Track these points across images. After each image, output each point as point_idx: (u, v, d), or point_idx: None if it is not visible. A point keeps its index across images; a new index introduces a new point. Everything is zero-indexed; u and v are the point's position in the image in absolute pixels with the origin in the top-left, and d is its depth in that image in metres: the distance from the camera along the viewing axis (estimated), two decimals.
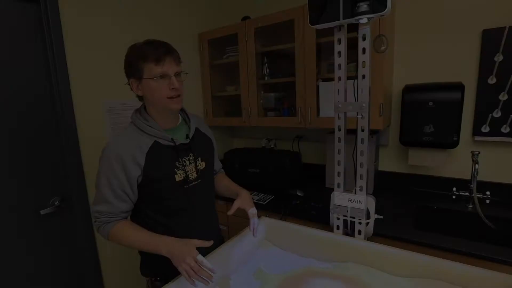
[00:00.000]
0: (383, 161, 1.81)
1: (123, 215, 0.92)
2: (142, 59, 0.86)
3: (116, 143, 0.90)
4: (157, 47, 0.87)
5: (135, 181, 0.90)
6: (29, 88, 1.29)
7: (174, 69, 0.89)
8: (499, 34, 1.37)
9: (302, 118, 1.67)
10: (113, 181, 0.87)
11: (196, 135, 1.05)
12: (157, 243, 0.85)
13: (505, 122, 1.41)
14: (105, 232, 0.90)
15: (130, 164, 0.87)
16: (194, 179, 0.99)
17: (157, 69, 0.86)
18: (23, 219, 1.29)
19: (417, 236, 1.17)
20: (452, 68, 1.53)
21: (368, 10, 0.87)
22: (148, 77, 0.87)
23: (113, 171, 0.87)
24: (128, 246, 0.89)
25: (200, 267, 0.79)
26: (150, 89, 0.88)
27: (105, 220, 0.90)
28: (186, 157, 0.98)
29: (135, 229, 0.90)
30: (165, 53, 0.87)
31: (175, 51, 0.92)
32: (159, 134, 0.92)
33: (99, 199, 0.90)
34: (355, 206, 1.08)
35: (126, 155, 0.87)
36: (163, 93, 0.88)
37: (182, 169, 0.96)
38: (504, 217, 1.32)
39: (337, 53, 1.02)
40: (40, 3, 1.28)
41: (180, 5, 1.94)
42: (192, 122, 1.04)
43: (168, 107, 0.91)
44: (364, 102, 0.99)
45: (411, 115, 1.48)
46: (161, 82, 0.87)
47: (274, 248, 1.21)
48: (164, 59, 0.87)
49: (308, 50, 1.57)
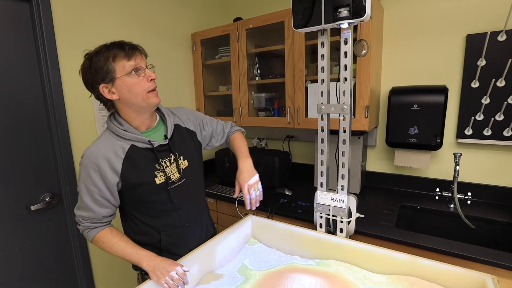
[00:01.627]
0: (371, 162, 1.85)
1: (106, 219, 0.95)
2: (112, 59, 0.83)
3: (92, 151, 0.88)
4: (121, 45, 0.85)
5: (114, 188, 0.90)
6: (21, 85, 1.31)
7: (144, 63, 0.89)
8: (482, 39, 1.41)
9: (291, 119, 1.70)
10: (92, 189, 0.88)
11: (176, 133, 1.02)
12: (138, 256, 0.90)
13: (487, 125, 1.45)
14: (88, 237, 0.94)
15: (108, 171, 0.87)
16: (178, 179, 0.99)
17: (130, 63, 0.84)
18: (13, 215, 1.31)
19: (398, 235, 1.21)
20: (438, 71, 1.57)
21: (349, 15, 0.90)
22: (123, 74, 0.84)
23: (92, 179, 0.87)
24: (111, 253, 0.93)
25: (179, 277, 0.86)
26: (127, 86, 0.85)
27: (88, 226, 0.93)
28: (167, 158, 0.96)
29: (118, 239, 0.92)
30: (133, 48, 0.86)
31: (140, 47, 0.90)
32: (135, 137, 0.90)
33: (81, 205, 0.92)
34: (337, 205, 1.11)
35: (102, 163, 0.87)
36: (143, 87, 0.86)
37: (163, 171, 0.94)
38: (483, 218, 1.36)
39: (321, 56, 1.05)
40: (32, 2, 1.30)
41: (174, 5, 1.96)
42: (168, 121, 1.00)
43: (150, 101, 0.89)
44: (346, 104, 1.02)
45: (397, 117, 1.52)
46: (137, 76, 0.86)
47: (260, 245, 1.25)
48: (134, 54, 0.86)
49: (297, 51, 1.60)
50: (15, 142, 1.30)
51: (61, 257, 1.49)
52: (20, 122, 1.31)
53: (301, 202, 1.60)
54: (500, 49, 1.38)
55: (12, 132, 1.29)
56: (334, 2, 0.91)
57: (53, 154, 1.42)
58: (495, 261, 1.02)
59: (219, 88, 2.14)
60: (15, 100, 1.29)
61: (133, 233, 1.01)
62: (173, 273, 0.86)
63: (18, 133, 1.31)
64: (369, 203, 1.56)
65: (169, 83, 1.97)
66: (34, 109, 1.36)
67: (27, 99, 1.33)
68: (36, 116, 1.36)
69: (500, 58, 1.38)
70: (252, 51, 1.87)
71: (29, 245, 1.37)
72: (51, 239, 1.44)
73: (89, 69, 0.84)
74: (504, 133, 1.42)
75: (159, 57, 1.90)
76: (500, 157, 1.48)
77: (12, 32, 1.27)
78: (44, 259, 1.43)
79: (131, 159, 0.90)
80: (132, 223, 1.00)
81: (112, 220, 0.99)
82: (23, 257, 1.35)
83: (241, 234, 1.22)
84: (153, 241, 0.99)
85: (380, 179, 1.81)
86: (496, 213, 1.38)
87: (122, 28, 1.65)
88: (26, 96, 1.33)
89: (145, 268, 0.89)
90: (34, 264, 1.39)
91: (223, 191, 1.83)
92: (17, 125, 1.30)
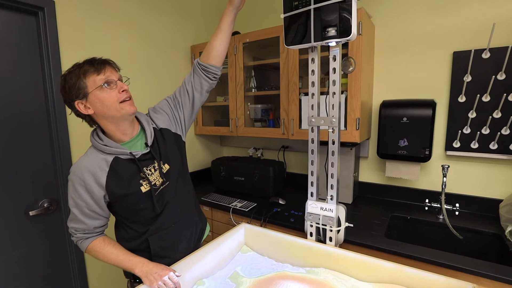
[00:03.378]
0: (364, 172, 1.89)
1: (98, 229, 0.99)
2: (83, 75, 0.86)
3: (78, 166, 0.92)
4: (91, 61, 0.88)
5: (102, 201, 0.94)
6: (25, 94, 1.36)
7: (116, 75, 0.91)
8: (467, 56, 1.47)
9: (285, 130, 1.75)
10: (80, 203, 0.92)
11: (159, 138, 1.03)
12: (131, 263, 0.94)
13: (474, 139, 1.50)
14: (82, 247, 0.98)
15: (93, 185, 0.91)
16: (161, 183, 1.00)
17: (100, 77, 0.87)
18: (12, 219, 1.34)
19: (386, 245, 1.24)
20: (427, 86, 1.63)
21: (336, 35, 0.96)
22: (94, 88, 0.86)
23: (78, 194, 0.91)
24: (104, 261, 0.97)
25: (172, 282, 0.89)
26: (99, 99, 0.87)
27: (81, 237, 0.97)
28: (151, 165, 0.98)
29: (111, 247, 0.96)
30: (102, 62, 0.89)
31: (110, 60, 0.92)
32: (116, 151, 0.93)
33: (72, 218, 0.96)
34: (326, 214, 1.15)
35: (88, 177, 0.90)
36: (114, 98, 0.88)
37: (147, 179, 0.96)
38: (471, 228, 1.39)
39: (311, 71, 1.11)
40: (39, 15, 1.36)
41: (175, 18, 2.04)
42: (147, 129, 1.00)
43: (124, 111, 0.90)
44: (335, 117, 1.07)
45: (387, 129, 1.57)
46: (109, 88, 0.88)
47: (253, 253, 1.27)
48: (104, 68, 0.88)
49: (291, 65, 1.67)
50: (17, 149, 1.34)
51: (57, 262, 1.51)
52: (23, 129, 1.36)
53: (294, 211, 1.63)
54: (485, 66, 1.44)
55: (15, 139, 1.33)
56: (323, 22, 0.97)
57: (53, 161, 1.46)
58: (479, 270, 1.05)
59: (217, 98, 2.20)
60: (18, 108, 1.34)
61: (123, 240, 1.04)
62: (166, 278, 0.89)
63: (20, 140, 1.35)
64: (360, 213, 1.60)
65: (169, 91, 2.03)
66: (36, 117, 1.40)
67: (31, 108, 1.38)
68: (38, 124, 1.41)
69: (484, 75, 1.44)
70: (249, 64, 1.94)
71: (26, 250, 1.39)
72: (48, 245, 1.47)
73: (63, 87, 0.88)
74: (490, 146, 1.47)
75: (160, 67, 1.96)
76: (487, 169, 1.52)
77: (18, 43, 1.33)
78: (40, 264, 1.45)
79: (115, 171, 0.92)
80: (123, 230, 1.04)
81: (105, 229, 1.03)
82: (19, 261, 1.37)
83: (234, 242, 1.25)
84: (143, 246, 1.02)
85: (373, 189, 1.85)
86: (483, 224, 1.41)
87: (124, 40, 1.72)
88: (30, 105, 1.38)
89: (138, 274, 0.92)
90: (31, 268, 1.41)
91: (218, 199, 1.86)
92: (20, 132, 1.35)
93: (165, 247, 1.04)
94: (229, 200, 1.83)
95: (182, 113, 1.11)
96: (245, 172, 1.90)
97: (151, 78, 1.91)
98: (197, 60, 1.11)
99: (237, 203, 1.77)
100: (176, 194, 1.06)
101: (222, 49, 1.09)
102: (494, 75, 1.41)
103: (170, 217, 1.05)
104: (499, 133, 1.43)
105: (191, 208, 1.14)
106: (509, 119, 1.39)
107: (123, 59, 1.72)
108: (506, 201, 1.39)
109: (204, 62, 1.10)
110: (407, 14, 1.64)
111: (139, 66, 1.83)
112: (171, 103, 1.11)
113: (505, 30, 1.41)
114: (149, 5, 1.85)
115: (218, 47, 1.08)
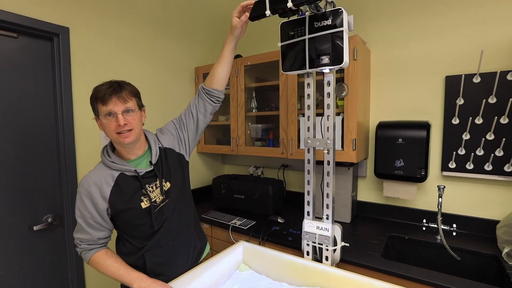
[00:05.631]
0: (362, 192, 1.91)
1: (102, 241, 1.04)
2: (95, 100, 0.96)
3: (86, 179, 0.99)
4: (106, 88, 0.95)
5: (105, 213, 1.00)
6: (35, 112, 1.43)
7: (121, 108, 0.95)
8: (459, 80, 1.53)
9: (284, 149, 1.80)
10: (86, 214, 0.99)
11: (163, 157, 1.09)
12: (130, 278, 0.97)
13: (469, 159, 1.53)
14: (85, 258, 1.02)
15: (98, 198, 0.98)
16: (161, 201, 1.05)
17: (104, 108, 0.94)
18: (17, 234, 1.38)
19: (382, 265, 1.25)
20: (422, 108, 1.69)
21: (329, 62, 1.02)
22: (100, 116, 0.96)
23: (85, 205, 0.98)
24: (105, 274, 1.00)
25: None
26: (102, 126, 0.97)
27: (85, 247, 1.01)
28: (153, 183, 1.04)
29: (113, 260, 1.00)
30: (110, 93, 0.94)
31: (123, 90, 0.96)
32: (122, 168, 1.00)
33: (78, 229, 1.02)
34: (322, 233, 1.17)
35: (94, 190, 0.97)
36: (112, 129, 0.95)
37: (148, 196, 1.02)
38: (468, 249, 1.40)
39: (307, 95, 1.17)
40: (54, 41, 1.46)
41: (182, 41, 2.16)
42: (153, 149, 1.07)
43: (119, 141, 0.97)
44: (330, 139, 1.12)
45: (384, 150, 1.61)
46: (110, 119, 0.95)
47: (250, 271, 1.29)
48: (110, 99, 0.93)
49: (290, 88, 1.74)
50: (25, 166, 1.40)
51: (57, 277, 1.53)
52: (31, 147, 1.42)
53: (292, 230, 1.65)
54: (476, 90, 1.50)
55: (23, 155, 1.39)
56: (317, 50, 1.04)
57: (58, 178, 1.51)
58: None
59: (219, 118, 2.27)
60: (29, 125, 1.41)
61: (122, 254, 1.07)
62: None
63: (28, 157, 1.41)
64: (358, 232, 1.61)
65: (174, 111, 2.10)
66: (45, 135, 1.47)
67: (41, 126, 1.45)
68: (47, 142, 1.48)
69: (476, 98, 1.50)
70: (250, 85, 2.02)
71: (28, 265, 1.42)
72: (49, 259, 1.49)
73: (90, 101, 0.99)
74: (485, 167, 1.50)
75: (165, 87, 2.05)
76: (483, 190, 1.54)
77: (34, 65, 1.42)
78: (40, 279, 1.46)
79: (119, 186, 0.99)
80: (123, 245, 1.08)
81: (108, 242, 1.07)
82: (20, 276, 1.39)
83: (232, 260, 1.26)
84: (140, 262, 1.05)
85: (371, 209, 1.86)
86: (481, 245, 1.42)
87: (133, 62, 1.81)
88: (40, 123, 1.45)
89: None
90: (31, 284, 1.43)
91: (218, 217, 1.89)
92: (29, 149, 1.41)
93: (161, 264, 1.07)
94: (229, 218, 1.86)
95: (187, 133, 1.19)
96: (245, 190, 1.93)
97: (157, 98, 1.99)
98: (201, 84, 1.20)
99: (236, 221, 1.80)
100: (174, 212, 1.09)
101: (224, 75, 1.17)
102: (485, 98, 1.47)
103: (167, 234, 1.08)
104: (492, 155, 1.46)
105: (189, 226, 1.17)
106: (502, 141, 1.43)
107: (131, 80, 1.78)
108: (502, 222, 1.40)
109: (208, 87, 1.17)
110: (401, 39, 1.72)
111: (147, 87, 1.92)
112: (177, 124, 1.19)
113: (494, 55, 1.48)
114: (156, 28, 1.96)
115: (220, 73, 1.16)
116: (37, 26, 1.36)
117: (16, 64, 1.36)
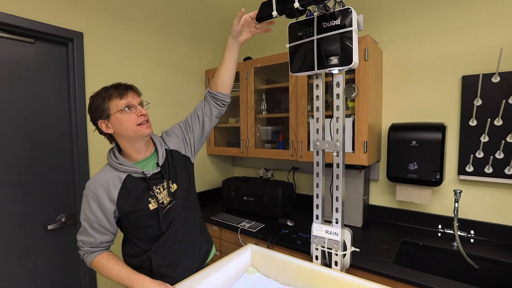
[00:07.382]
0: (374, 196, 1.86)
1: (105, 245, 1.04)
2: (108, 99, 0.96)
3: (93, 182, 0.99)
4: (117, 86, 0.99)
5: (111, 216, 1.00)
6: (50, 115, 1.48)
7: (137, 100, 1.00)
8: (476, 80, 1.47)
9: (294, 152, 1.78)
10: (91, 217, 0.98)
11: (169, 159, 1.10)
12: (132, 281, 0.96)
13: (488, 163, 1.47)
14: (87, 261, 1.03)
15: (105, 200, 0.97)
16: (168, 202, 1.06)
17: (122, 101, 0.96)
18: (32, 233, 1.42)
19: (395, 271, 1.21)
20: (437, 109, 1.63)
21: (338, 63, 1.00)
22: (116, 111, 0.96)
23: (91, 208, 0.98)
24: (107, 277, 1.00)
25: None
26: (119, 121, 0.97)
27: (88, 250, 1.02)
28: (160, 184, 1.05)
29: (114, 263, 1.00)
30: (125, 88, 0.99)
31: (133, 86, 1.02)
32: (130, 169, 1.00)
33: (82, 231, 1.02)
34: (331, 237, 1.14)
35: (101, 192, 0.97)
36: (133, 121, 0.97)
37: (155, 198, 1.02)
38: (487, 257, 1.33)
39: (316, 97, 1.15)
40: (68, 46, 1.51)
41: (192, 43, 2.18)
42: (160, 150, 1.08)
43: (140, 133, 0.99)
44: (339, 141, 1.10)
45: (397, 152, 1.57)
46: (129, 112, 0.97)
47: (258, 274, 1.27)
48: (127, 93, 0.98)
49: (300, 89, 1.72)
50: (40, 167, 1.45)
51: (70, 275, 1.56)
52: (47, 149, 1.46)
53: (301, 233, 1.62)
54: (495, 90, 1.44)
55: (39, 157, 1.44)
56: (325, 51, 1.02)
57: (72, 178, 1.55)
58: None
59: (229, 120, 2.28)
60: (44, 128, 1.46)
61: (128, 256, 1.08)
62: None
63: (43, 158, 1.46)
64: (370, 237, 1.57)
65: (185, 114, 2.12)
66: (60, 137, 1.51)
67: (55, 128, 1.50)
68: (61, 144, 1.52)
69: (495, 98, 1.43)
70: (260, 87, 2.01)
71: (42, 263, 1.46)
72: (62, 258, 1.53)
73: (90, 107, 0.99)
74: (505, 171, 1.43)
75: (176, 90, 2.07)
76: (503, 195, 1.47)
77: (49, 70, 1.47)
78: (54, 277, 1.50)
79: (127, 188, 0.99)
80: (129, 246, 1.08)
81: (111, 245, 1.07)
82: (34, 274, 1.43)
83: (240, 262, 1.25)
84: (146, 264, 1.05)
85: (383, 213, 1.81)
86: (500, 253, 1.35)
87: (144, 65, 1.85)
88: (55, 125, 1.49)
89: None
90: (44, 282, 1.47)
91: (228, 219, 1.88)
92: (44, 151, 1.46)
93: (167, 266, 1.07)
94: (238, 220, 1.85)
95: (192, 136, 1.19)
96: (255, 192, 1.92)
97: (168, 100, 2.02)
98: (208, 88, 1.20)
99: (245, 224, 1.79)
100: (180, 213, 1.10)
101: (228, 78, 1.17)
102: (505, 99, 1.40)
103: (174, 236, 1.08)
104: None
105: (194, 228, 1.17)
106: None
107: (143, 83, 1.84)
108: None
109: (213, 90, 1.18)
110: (414, 39, 1.67)
111: (158, 89, 1.95)
112: (183, 127, 1.20)
113: None
114: (167, 32, 1.99)
115: (223, 77, 1.16)
116: (53, 31, 1.41)
117: (33, 69, 1.41)
